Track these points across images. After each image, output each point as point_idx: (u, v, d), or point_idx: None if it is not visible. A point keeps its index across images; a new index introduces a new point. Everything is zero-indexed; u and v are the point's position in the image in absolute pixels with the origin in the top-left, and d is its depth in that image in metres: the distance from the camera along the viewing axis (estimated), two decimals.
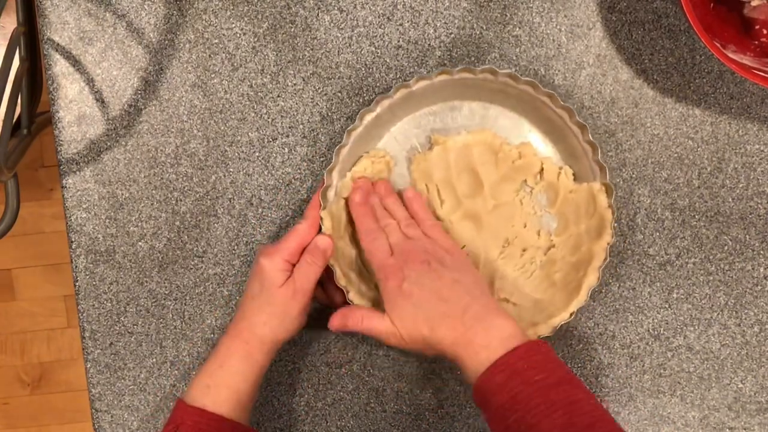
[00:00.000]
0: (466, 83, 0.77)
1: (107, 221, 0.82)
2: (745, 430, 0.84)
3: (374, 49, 0.81)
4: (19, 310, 1.70)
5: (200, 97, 0.81)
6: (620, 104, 0.81)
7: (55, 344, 1.71)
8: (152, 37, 0.81)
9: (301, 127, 0.82)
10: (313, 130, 0.82)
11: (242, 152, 0.82)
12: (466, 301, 0.70)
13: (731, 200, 0.82)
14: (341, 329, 0.74)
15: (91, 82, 0.81)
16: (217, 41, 0.81)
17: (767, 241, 0.82)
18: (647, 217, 0.82)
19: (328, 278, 0.79)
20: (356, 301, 0.77)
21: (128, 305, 0.83)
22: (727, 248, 0.83)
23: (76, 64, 0.81)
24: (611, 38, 0.81)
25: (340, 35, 0.81)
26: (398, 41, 0.81)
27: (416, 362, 0.83)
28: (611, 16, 0.80)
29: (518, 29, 0.81)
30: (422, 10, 0.80)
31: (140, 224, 0.82)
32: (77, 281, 0.83)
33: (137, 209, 0.82)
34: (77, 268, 0.83)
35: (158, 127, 0.82)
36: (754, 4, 0.78)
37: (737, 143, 0.82)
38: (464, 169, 0.80)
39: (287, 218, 0.82)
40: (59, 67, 0.81)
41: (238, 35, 0.81)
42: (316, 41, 0.81)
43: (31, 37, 1.01)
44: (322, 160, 0.82)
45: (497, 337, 0.67)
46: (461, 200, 0.80)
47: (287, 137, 0.82)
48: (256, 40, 0.81)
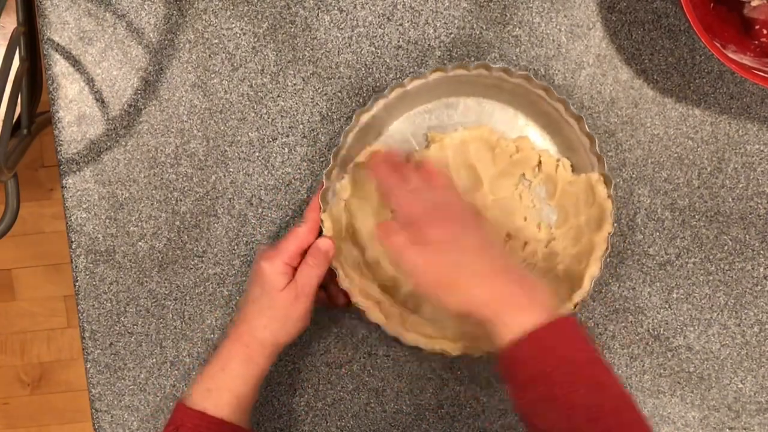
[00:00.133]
0: (460, 80, 0.77)
1: (107, 221, 0.82)
2: (745, 430, 0.84)
3: (374, 49, 0.81)
4: (19, 310, 1.70)
5: (200, 97, 0.81)
6: (620, 104, 0.81)
7: (55, 344, 1.71)
8: (152, 37, 0.81)
9: (301, 127, 0.82)
10: (313, 130, 0.82)
11: (242, 152, 0.82)
12: (501, 261, 0.68)
13: (731, 200, 0.82)
14: (382, 242, 0.70)
15: (91, 82, 0.81)
16: (217, 41, 0.81)
17: (767, 241, 0.82)
18: (647, 217, 0.82)
19: (330, 280, 0.78)
20: (361, 302, 0.77)
21: (128, 305, 0.83)
22: (727, 248, 0.83)
23: (76, 64, 0.81)
24: (611, 38, 0.81)
25: (340, 35, 0.81)
26: (398, 41, 0.81)
27: (416, 362, 0.83)
28: (611, 16, 0.80)
29: (518, 29, 0.81)
30: (422, 10, 0.80)
31: (140, 224, 0.82)
32: (77, 281, 0.83)
33: (137, 209, 0.82)
34: (77, 268, 0.83)
35: (158, 127, 0.82)
36: (754, 4, 0.78)
37: (737, 143, 0.82)
38: (462, 165, 0.80)
39: (287, 218, 0.82)
40: (59, 67, 0.81)
41: (238, 35, 0.81)
42: (316, 41, 0.81)
43: (31, 37, 1.01)
44: (322, 160, 0.82)
45: (537, 300, 0.65)
46: (464, 192, 0.80)
47: (287, 137, 0.82)
48: (256, 40, 0.81)
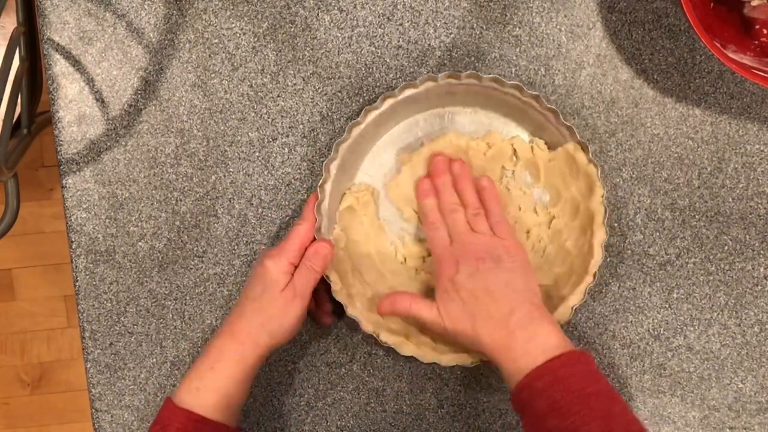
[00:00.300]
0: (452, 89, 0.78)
1: (107, 221, 0.82)
2: (745, 430, 0.84)
3: (374, 49, 0.81)
4: (19, 310, 1.70)
5: (200, 97, 0.81)
6: (620, 104, 0.81)
7: (55, 344, 1.71)
8: (152, 37, 0.81)
9: (301, 127, 0.82)
10: (313, 130, 0.82)
11: (242, 152, 0.82)
12: (513, 305, 0.70)
13: (731, 200, 0.82)
14: (390, 313, 0.76)
15: (91, 82, 0.81)
16: (217, 41, 0.81)
17: (767, 241, 0.82)
18: (647, 217, 0.82)
19: (323, 289, 0.79)
20: (354, 313, 0.77)
21: (128, 305, 0.83)
22: (727, 248, 0.83)
23: (76, 64, 0.81)
24: (611, 38, 0.81)
25: (340, 35, 0.81)
26: (398, 41, 0.81)
27: (416, 362, 0.83)
28: (611, 16, 0.80)
29: (518, 29, 0.81)
30: (422, 10, 0.80)
31: (140, 224, 0.82)
32: (77, 281, 0.83)
33: (137, 209, 0.82)
34: (77, 268, 0.83)
35: (158, 127, 0.82)
36: (754, 4, 0.78)
37: (737, 143, 0.82)
38: None
39: (287, 218, 0.82)
40: (59, 67, 0.81)
41: (238, 35, 0.81)
42: (316, 41, 0.81)
43: (31, 37, 1.01)
44: (322, 160, 0.82)
45: (540, 345, 0.68)
46: None
47: (287, 137, 0.82)
48: (256, 40, 0.81)
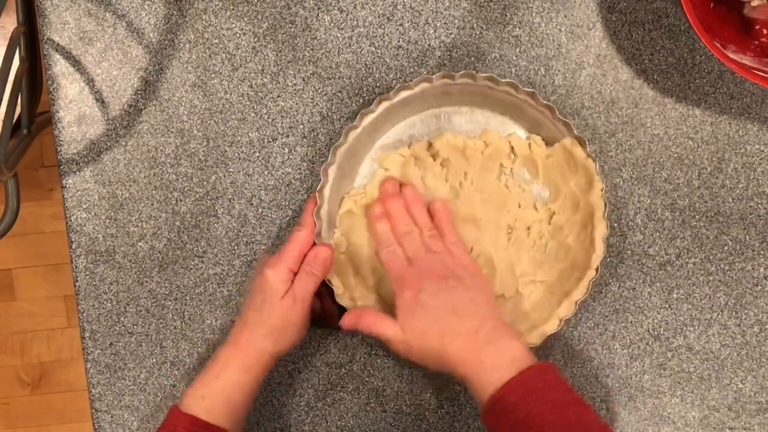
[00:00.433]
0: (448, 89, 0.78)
1: (107, 221, 0.82)
2: (745, 430, 0.84)
3: (374, 49, 0.81)
4: (19, 310, 1.70)
5: (200, 97, 0.81)
6: (620, 104, 0.81)
7: (55, 344, 1.71)
8: (152, 37, 0.81)
9: (301, 127, 0.82)
10: (313, 130, 0.82)
11: (242, 152, 0.82)
12: (478, 320, 0.70)
13: (731, 200, 0.82)
14: (352, 329, 0.74)
15: (91, 82, 0.81)
16: (217, 41, 0.81)
17: (767, 241, 0.82)
18: (647, 217, 0.82)
19: (327, 297, 0.79)
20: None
21: (128, 305, 0.83)
22: (727, 248, 0.83)
23: (76, 64, 0.81)
24: (611, 38, 0.81)
25: (340, 35, 0.81)
26: (398, 41, 0.81)
27: None
28: (611, 16, 0.80)
29: (518, 29, 0.81)
30: (422, 10, 0.80)
31: (140, 224, 0.82)
32: (77, 281, 0.83)
33: (137, 209, 0.82)
34: (77, 268, 0.83)
35: (158, 127, 0.82)
36: (754, 4, 0.78)
37: (737, 143, 0.82)
38: (439, 177, 0.81)
39: (287, 218, 0.82)
40: (59, 67, 0.81)
41: (238, 35, 0.81)
42: (316, 41, 0.81)
43: (31, 37, 1.01)
44: (322, 160, 0.82)
45: (508, 359, 0.68)
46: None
47: (287, 137, 0.82)
48: (256, 40, 0.81)
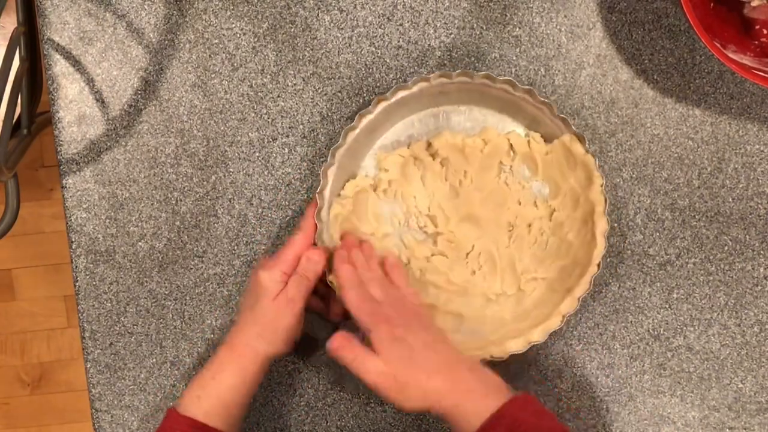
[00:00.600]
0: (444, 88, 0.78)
1: (107, 221, 0.82)
2: (745, 430, 0.84)
3: (374, 49, 0.81)
4: (19, 310, 1.70)
5: (200, 97, 0.81)
6: (620, 104, 0.81)
7: (55, 344, 1.71)
8: (152, 37, 0.81)
9: (301, 127, 0.82)
10: (313, 130, 0.82)
11: (242, 152, 0.82)
12: (455, 355, 0.71)
13: (731, 200, 0.82)
14: (337, 354, 0.71)
15: (91, 82, 0.81)
16: (217, 41, 0.81)
17: (767, 241, 0.82)
18: (647, 217, 0.82)
19: (329, 294, 0.80)
20: None
21: (128, 305, 0.83)
22: (727, 248, 0.83)
23: (76, 64, 0.81)
24: (611, 38, 0.81)
25: (340, 35, 0.81)
26: (398, 41, 0.81)
27: None
28: (611, 16, 0.80)
29: (518, 29, 0.81)
30: (422, 10, 0.80)
31: (140, 224, 0.82)
32: (77, 281, 0.83)
33: (137, 209, 0.82)
34: (77, 268, 0.83)
35: (158, 127, 0.82)
36: (754, 4, 0.78)
37: (737, 143, 0.82)
38: (438, 176, 0.81)
39: (287, 218, 0.82)
40: (59, 67, 0.81)
41: (238, 35, 0.81)
42: (316, 41, 0.81)
43: (31, 37, 1.01)
44: (322, 160, 0.82)
45: (493, 386, 0.68)
46: (447, 205, 0.81)
47: (287, 137, 0.82)
48: (256, 40, 0.81)
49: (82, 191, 0.82)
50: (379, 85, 0.81)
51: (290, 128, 0.82)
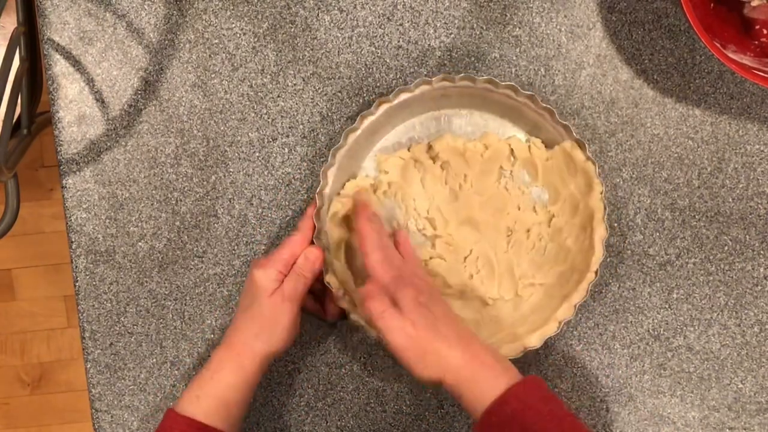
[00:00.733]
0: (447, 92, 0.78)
1: (107, 221, 0.82)
2: (745, 430, 0.84)
3: (374, 49, 0.81)
4: (19, 310, 1.70)
5: (200, 97, 0.81)
6: (620, 104, 0.81)
7: (55, 344, 1.71)
8: (152, 37, 0.81)
9: (301, 127, 0.82)
10: (313, 130, 0.82)
11: (242, 152, 0.82)
12: (470, 329, 0.71)
13: (731, 200, 0.82)
14: (365, 305, 0.70)
15: (91, 82, 0.81)
16: (217, 41, 0.81)
17: (767, 241, 0.82)
18: (647, 217, 0.82)
19: (325, 294, 0.80)
20: (357, 319, 0.78)
21: (128, 305, 0.83)
22: (727, 248, 0.83)
23: (76, 64, 0.81)
24: (611, 38, 0.81)
25: (340, 35, 0.81)
26: (398, 41, 0.81)
27: None
28: (611, 16, 0.80)
29: (518, 29, 0.81)
30: (422, 10, 0.80)
31: (140, 224, 0.82)
32: (77, 281, 0.83)
33: (137, 209, 0.82)
34: (77, 268, 0.83)
35: (158, 127, 0.82)
36: (754, 4, 0.78)
37: (737, 143, 0.82)
38: (438, 179, 0.81)
39: (287, 218, 0.82)
40: (59, 67, 0.81)
41: (238, 35, 0.81)
42: (316, 41, 0.81)
43: (31, 37, 1.01)
44: (322, 160, 0.82)
45: (506, 364, 0.69)
46: (447, 208, 0.80)
47: (287, 137, 0.82)
48: (256, 40, 0.81)
49: (82, 191, 0.82)
50: (379, 85, 0.81)
51: (290, 128, 0.82)
